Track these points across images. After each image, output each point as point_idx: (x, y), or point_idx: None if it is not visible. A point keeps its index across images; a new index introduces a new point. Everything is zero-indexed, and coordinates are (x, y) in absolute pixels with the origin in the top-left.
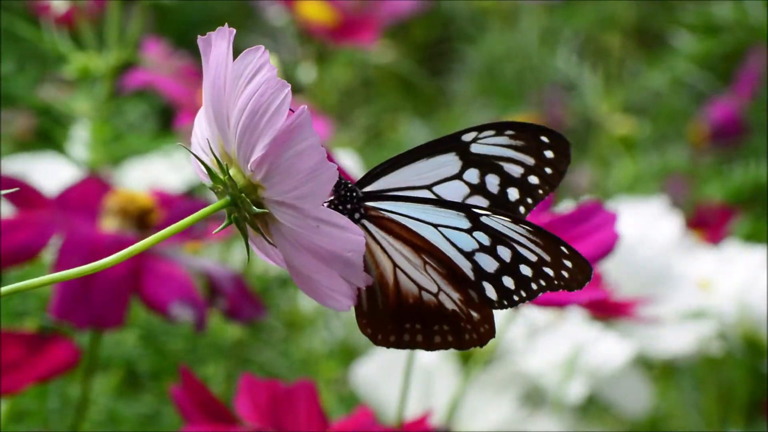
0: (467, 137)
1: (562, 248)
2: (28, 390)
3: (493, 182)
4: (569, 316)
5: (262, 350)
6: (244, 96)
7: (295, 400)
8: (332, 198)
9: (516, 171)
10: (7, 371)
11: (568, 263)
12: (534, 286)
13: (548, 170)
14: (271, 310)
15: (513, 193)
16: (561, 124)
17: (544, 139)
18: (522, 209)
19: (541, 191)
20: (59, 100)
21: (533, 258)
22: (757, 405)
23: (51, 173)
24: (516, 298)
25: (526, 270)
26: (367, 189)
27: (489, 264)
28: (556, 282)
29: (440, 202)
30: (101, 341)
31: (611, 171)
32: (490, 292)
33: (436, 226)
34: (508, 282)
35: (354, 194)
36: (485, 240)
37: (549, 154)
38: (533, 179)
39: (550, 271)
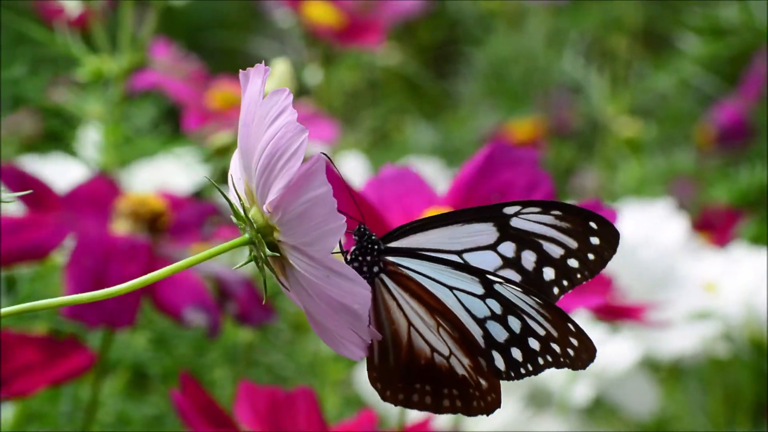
0: (509, 210)
1: (569, 325)
2: (40, 392)
3: (529, 259)
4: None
5: (269, 353)
6: (266, 136)
7: (295, 406)
8: (354, 248)
9: (556, 251)
10: (21, 374)
11: (574, 341)
12: (541, 361)
13: (591, 256)
14: (278, 312)
15: (549, 273)
16: (567, 126)
17: (593, 225)
18: (556, 290)
19: (579, 275)
20: (71, 103)
21: (542, 332)
22: (763, 407)
23: (60, 175)
24: (523, 371)
25: (534, 344)
26: (394, 244)
27: (499, 333)
28: (561, 359)
29: (456, 265)
30: (113, 343)
31: (617, 173)
32: (499, 362)
33: (451, 288)
34: (517, 354)
35: (376, 247)
36: (497, 308)
37: (595, 240)
38: (573, 262)
39: (556, 347)
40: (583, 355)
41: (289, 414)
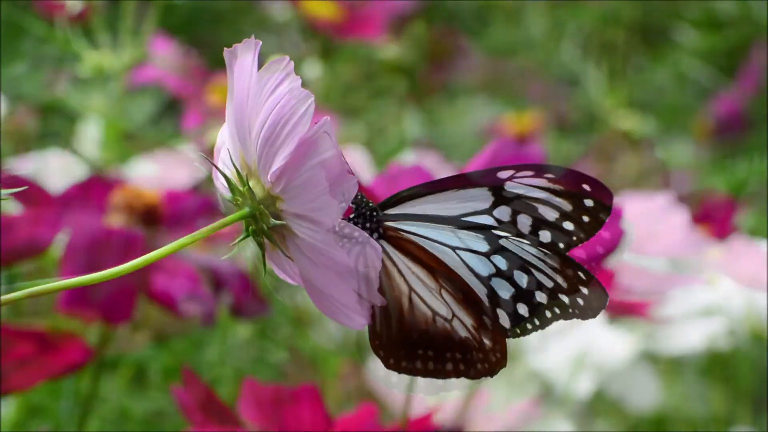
0: (503, 174)
1: (580, 273)
2: (42, 387)
3: (525, 222)
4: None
5: (269, 348)
6: (267, 106)
7: (300, 403)
8: (352, 216)
9: (551, 215)
10: (18, 368)
11: (585, 290)
12: (548, 314)
13: (586, 218)
14: (277, 306)
15: (545, 236)
16: (565, 120)
17: (586, 187)
18: None
19: (575, 238)
20: (72, 98)
21: (550, 284)
22: (763, 399)
23: (59, 171)
24: (529, 326)
25: (541, 297)
26: (390, 212)
27: (505, 290)
28: (570, 310)
29: (460, 223)
30: (112, 339)
31: (615, 166)
32: (504, 319)
33: (454, 248)
34: (522, 309)
35: (375, 213)
36: (503, 264)
37: (589, 202)
38: (568, 225)
39: (565, 299)
40: (593, 303)
41: (293, 411)
